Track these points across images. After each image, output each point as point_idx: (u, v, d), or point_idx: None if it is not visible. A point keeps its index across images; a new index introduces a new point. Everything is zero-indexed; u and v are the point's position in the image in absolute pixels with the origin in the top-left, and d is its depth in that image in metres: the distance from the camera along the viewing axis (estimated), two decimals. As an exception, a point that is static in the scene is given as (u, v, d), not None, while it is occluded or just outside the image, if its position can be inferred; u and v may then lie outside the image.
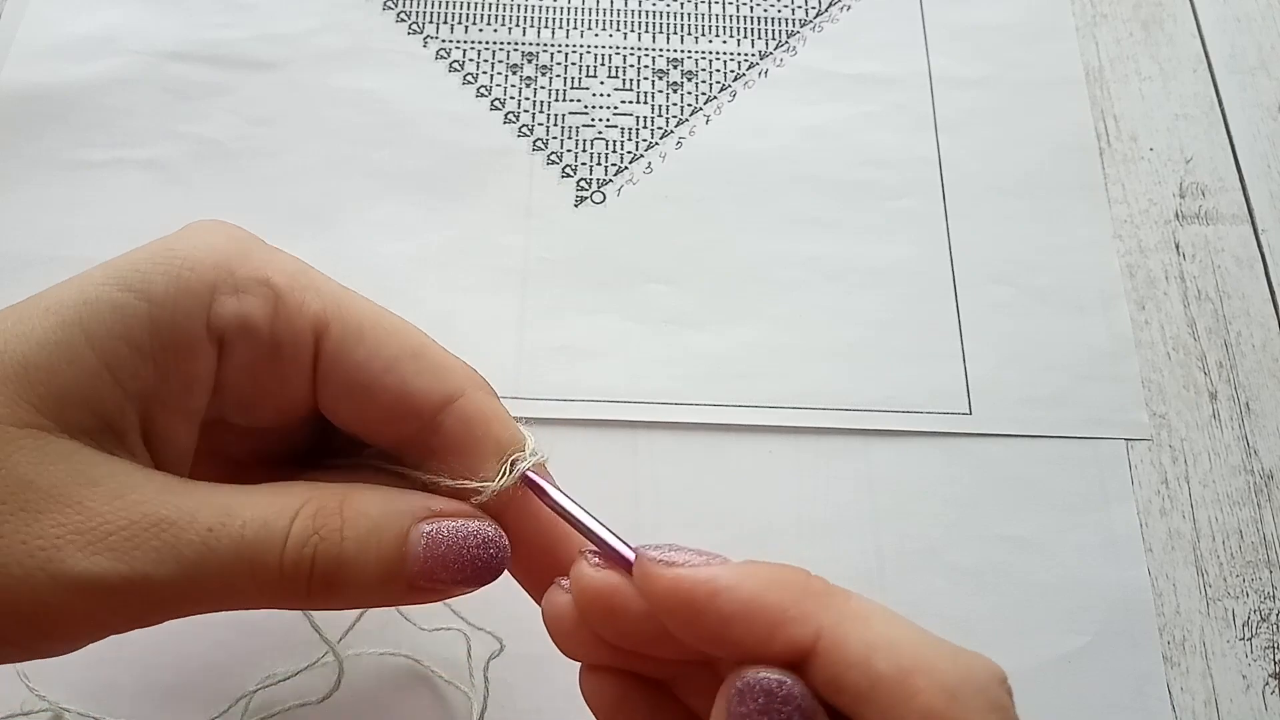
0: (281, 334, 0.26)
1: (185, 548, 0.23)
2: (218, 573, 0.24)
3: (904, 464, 0.43)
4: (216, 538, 0.24)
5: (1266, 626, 0.40)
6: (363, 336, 0.27)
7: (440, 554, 0.25)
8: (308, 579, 0.24)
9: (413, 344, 0.28)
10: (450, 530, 0.26)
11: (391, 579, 0.25)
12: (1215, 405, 0.45)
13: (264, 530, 0.24)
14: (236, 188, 0.47)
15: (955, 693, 0.20)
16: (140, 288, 0.25)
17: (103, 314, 0.24)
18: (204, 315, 0.25)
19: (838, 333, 0.45)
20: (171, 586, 0.23)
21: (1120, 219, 0.49)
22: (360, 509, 0.25)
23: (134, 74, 0.49)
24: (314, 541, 0.24)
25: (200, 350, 0.25)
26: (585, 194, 0.48)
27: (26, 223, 0.46)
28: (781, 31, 0.53)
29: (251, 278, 0.26)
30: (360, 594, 0.25)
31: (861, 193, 0.49)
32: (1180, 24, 0.53)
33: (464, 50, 0.52)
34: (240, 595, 0.24)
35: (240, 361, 0.26)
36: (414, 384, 0.27)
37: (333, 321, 0.27)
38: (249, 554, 0.24)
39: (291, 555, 0.24)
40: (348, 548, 0.25)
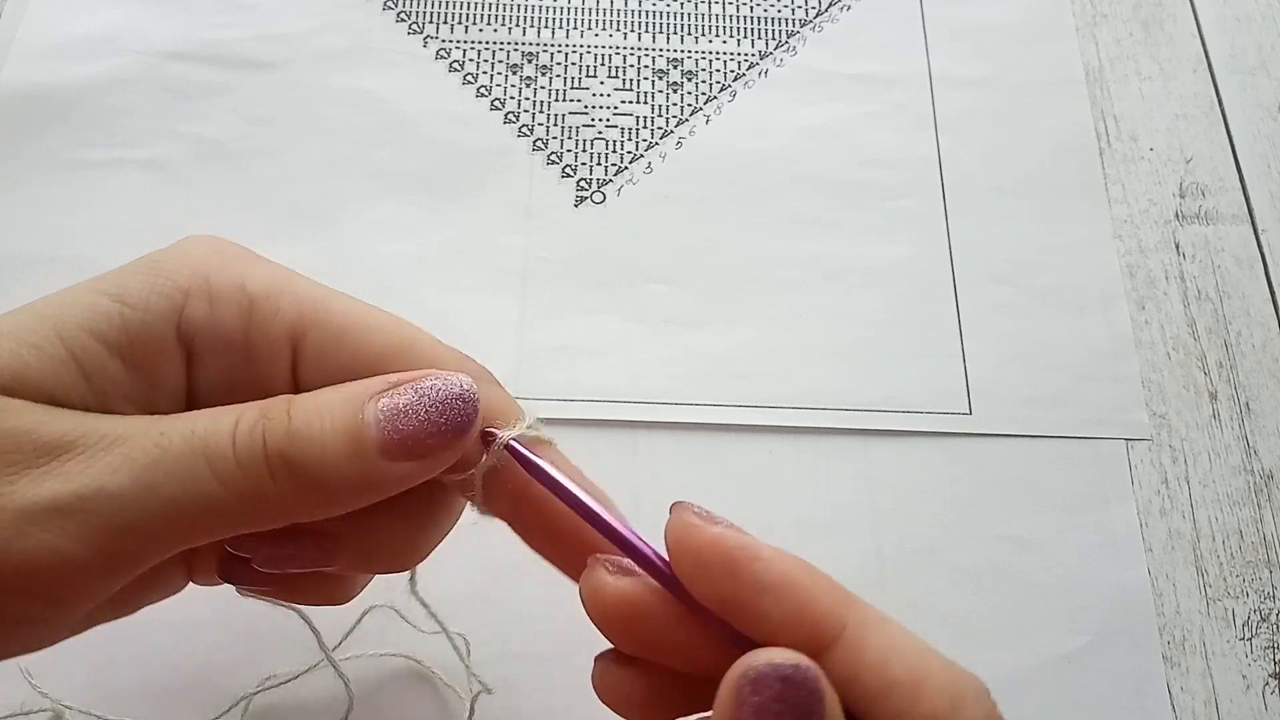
0: (255, 341, 0.26)
1: (138, 454, 0.23)
2: (175, 472, 0.23)
3: (904, 464, 0.43)
4: (168, 438, 0.23)
5: (1266, 626, 0.40)
6: (343, 340, 0.26)
7: (400, 409, 0.24)
8: (264, 461, 0.24)
9: (398, 341, 0.27)
10: (407, 388, 0.25)
11: (357, 450, 0.24)
12: (1215, 405, 0.45)
13: (212, 423, 0.24)
14: (236, 188, 0.47)
15: (957, 701, 0.21)
16: (116, 292, 0.25)
17: (76, 311, 0.25)
18: (175, 319, 0.25)
19: (838, 333, 0.45)
20: (130, 497, 0.22)
21: (1120, 219, 0.49)
22: (308, 398, 0.25)
23: (134, 74, 0.49)
24: (261, 423, 0.24)
25: (168, 353, 0.25)
26: (585, 194, 0.48)
27: (26, 223, 0.46)
28: (781, 31, 0.53)
29: (226, 285, 0.26)
30: (328, 473, 0.24)
31: (861, 193, 0.49)
32: (1180, 24, 0.53)
33: (464, 50, 0.52)
34: (208, 498, 0.23)
35: (213, 370, 0.26)
36: None
37: (310, 328, 0.26)
38: (200, 445, 0.23)
39: (243, 440, 0.24)
40: (296, 423, 0.24)
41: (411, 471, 0.25)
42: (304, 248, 0.46)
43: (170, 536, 0.23)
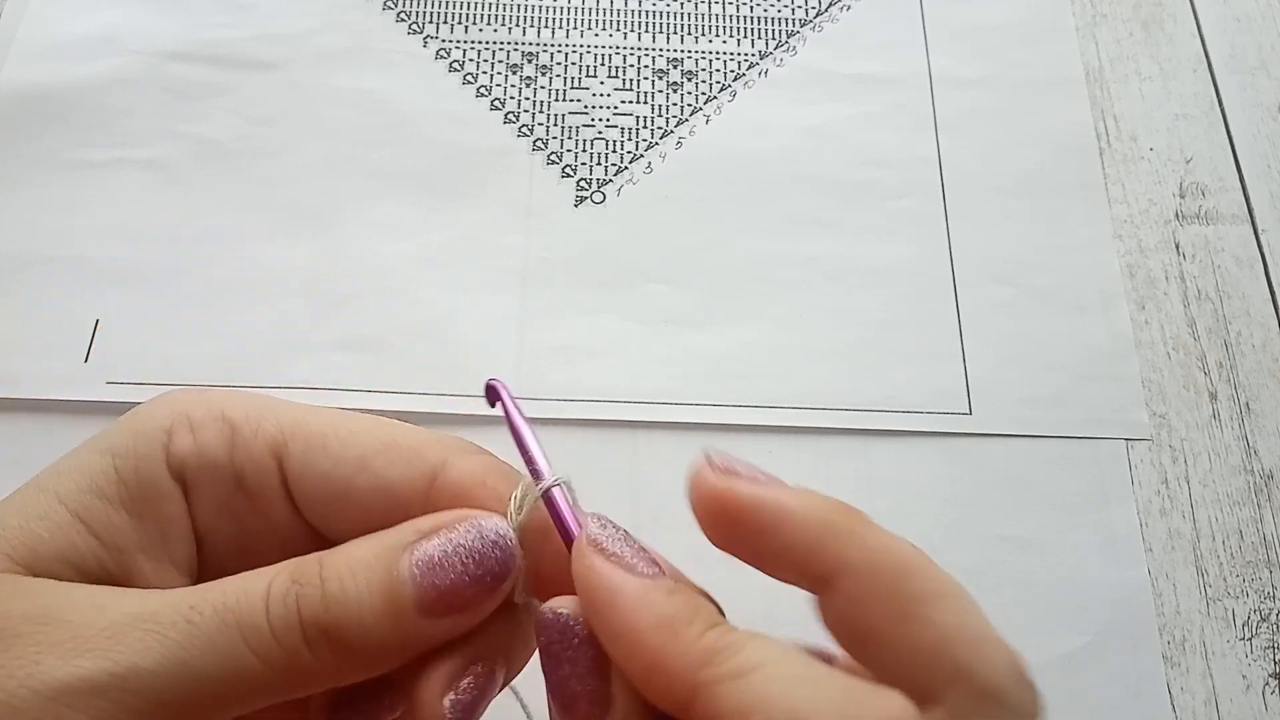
0: (242, 463, 0.26)
1: (169, 629, 0.22)
2: (208, 647, 0.22)
3: (904, 464, 0.43)
4: (199, 612, 0.22)
5: (1266, 626, 0.40)
6: (325, 445, 0.26)
7: (435, 561, 0.24)
8: (300, 631, 0.23)
9: (379, 438, 0.26)
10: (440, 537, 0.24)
11: (394, 609, 0.23)
12: (1215, 405, 0.45)
13: (244, 594, 0.23)
14: (236, 188, 0.47)
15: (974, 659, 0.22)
16: (104, 445, 0.25)
17: (72, 474, 0.25)
18: (163, 456, 0.25)
19: (838, 333, 0.45)
20: (164, 674, 0.22)
21: (1120, 219, 0.49)
22: (340, 554, 0.24)
23: (134, 74, 0.49)
24: (294, 590, 0.23)
25: (166, 492, 0.25)
26: (585, 194, 0.48)
27: (26, 223, 0.46)
28: (781, 31, 0.53)
29: (206, 415, 0.26)
30: (367, 637, 0.23)
31: (861, 193, 0.49)
32: (1180, 24, 0.53)
33: (464, 50, 0.52)
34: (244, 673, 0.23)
35: (209, 501, 0.26)
36: (389, 475, 0.26)
37: (290, 439, 0.26)
38: (233, 619, 0.23)
39: (276, 610, 0.23)
40: (330, 587, 0.23)
41: (452, 626, 0.24)
42: (304, 248, 0.46)
43: (208, 712, 0.23)
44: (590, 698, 0.22)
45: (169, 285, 0.45)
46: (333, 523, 0.27)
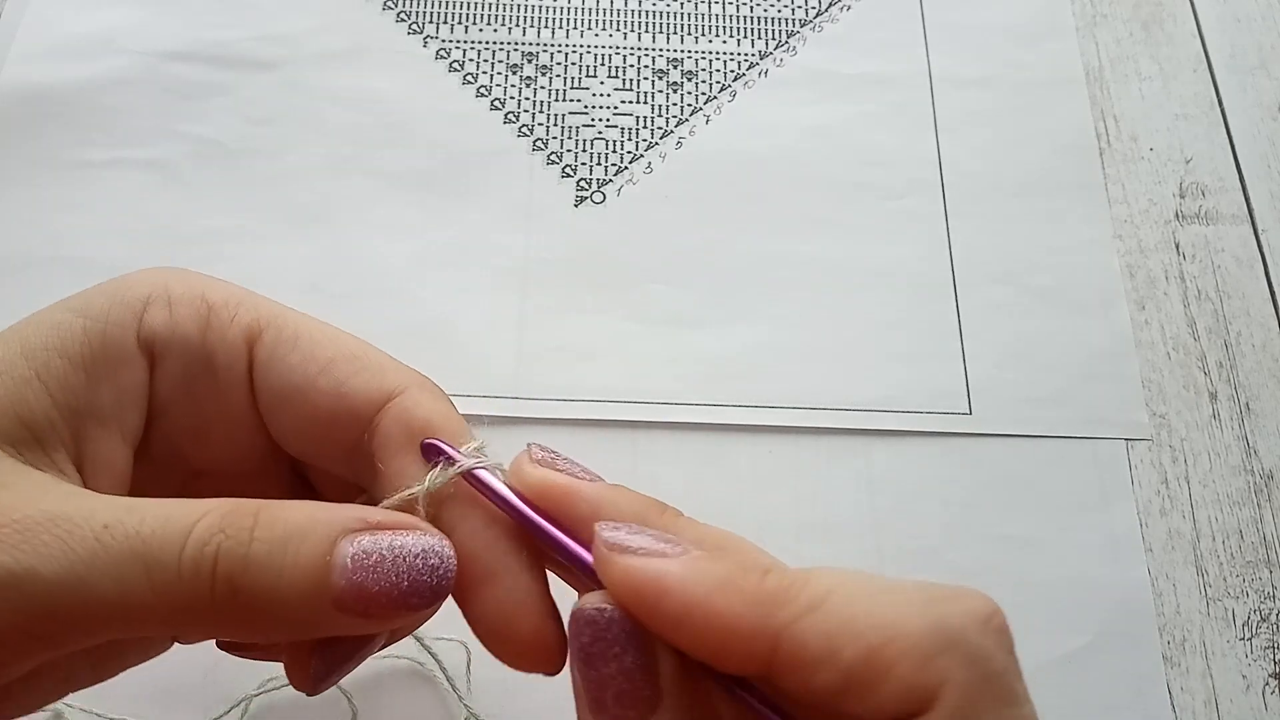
0: (213, 344, 0.26)
1: (77, 543, 0.21)
2: (109, 571, 0.21)
3: (904, 464, 0.43)
4: (111, 534, 0.22)
5: (1266, 626, 0.40)
6: (296, 342, 0.26)
7: (370, 565, 0.22)
8: (210, 582, 0.22)
9: (349, 348, 0.27)
10: (386, 541, 0.23)
11: (313, 594, 0.22)
12: (1215, 405, 0.45)
13: (163, 526, 0.22)
14: (236, 188, 0.47)
15: (929, 655, 0.19)
16: (79, 306, 0.25)
17: (40, 330, 0.25)
18: (135, 325, 0.25)
19: (838, 333, 0.45)
20: (60, 586, 0.21)
21: (1120, 219, 0.49)
22: (279, 514, 0.23)
23: (134, 74, 0.49)
24: (218, 539, 0.22)
25: (130, 360, 0.25)
26: (585, 194, 0.48)
27: (26, 223, 0.46)
28: (781, 31, 0.53)
29: (186, 292, 0.26)
30: (275, 609, 0.22)
31: (861, 193, 0.49)
32: (1180, 24, 0.53)
33: (464, 50, 0.52)
34: (139, 604, 0.22)
35: (174, 377, 0.26)
36: (350, 384, 0.26)
37: (265, 329, 0.26)
38: (143, 549, 0.22)
39: (191, 553, 0.22)
40: (256, 549, 0.22)
41: (361, 627, 0.23)
42: (304, 248, 0.46)
43: (94, 629, 0.22)
44: (638, 694, 0.21)
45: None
46: (285, 420, 0.27)
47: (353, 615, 0.23)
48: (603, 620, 0.21)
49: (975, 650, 0.19)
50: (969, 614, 0.20)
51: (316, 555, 0.22)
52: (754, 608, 0.20)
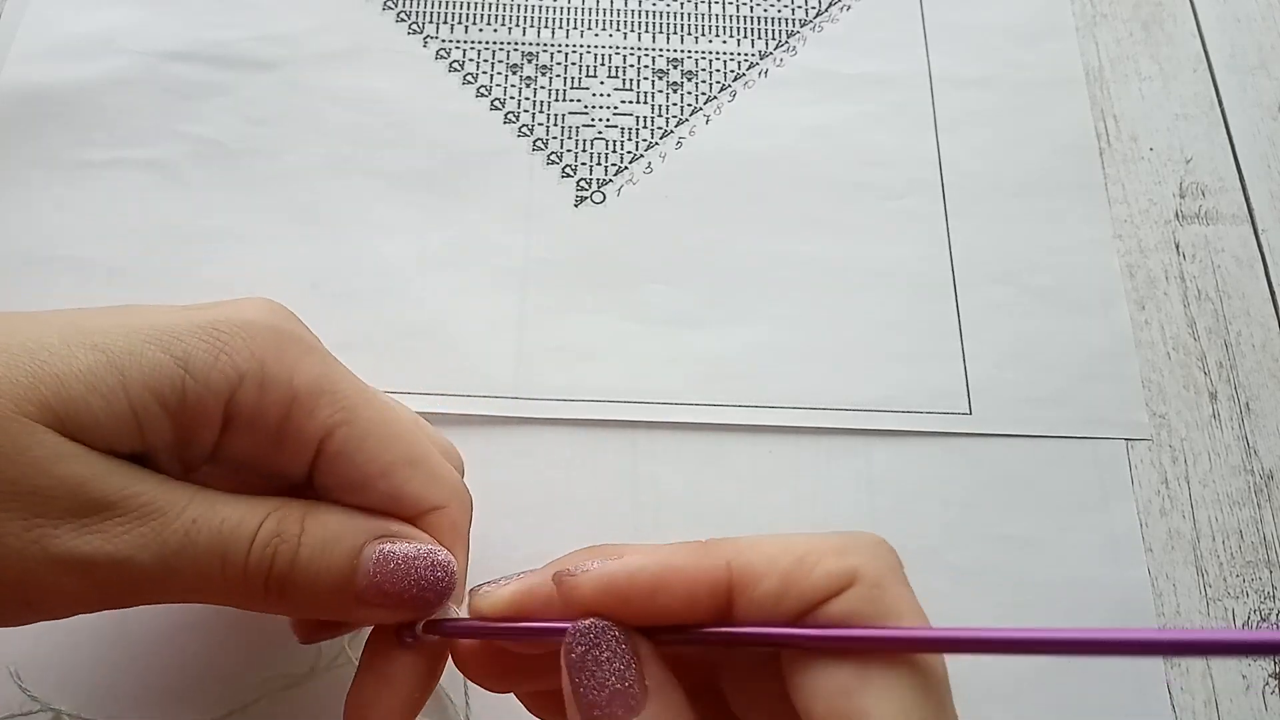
0: (288, 433, 0.28)
1: (170, 536, 0.26)
2: (193, 563, 0.26)
3: (904, 464, 0.43)
4: (198, 529, 0.26)
5: (1266, 626, 0.40)
6: (365, 442, 0.29)
7: (389, 570, 0.28)
8: (265, 578, 0.27)
9: (412, 453, 0.30)
10: (403, 551, 0.28)
11: (340, 589, 0.28)
12: (1215, 405, 0.45)
13: (238, 528, 0.27)
14: (236, 188, 0.47)
15: (843, 552, 0.24)
16: (181, 356, 0.27)
17: (143, 368, 0.26)
18: (227, 396, 0.27)
19: (838, 333, 0.45)
20: (151, 571, 0.25)
21: (1120, 219, 0.49)
22: (320, 519, 0.28)
23: (134, 74, 0.49)
24: (275, 543, 0.27)
25: (212, 423, 0.28)
26: (585, 194, 0.48)
27: (26, 223, 0.46)
28: (781, 31, 0.53)
29: (277, 376, 0.28)
30: (309, 600, 0.28)
31: (861, 193, 0.49)
32: (1180, 24, 0.53)
33: (464, 50, 0.52)
34: (208, 587, 0.27)
35: (242, 444, 0.28)
36: (405, 490, 0.29)
37: (339, 426, 0.29)
38: (222, 548, 0.26)
39: (256, 553, 0.27)
40: (303, 553, 0.27)
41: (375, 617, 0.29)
42: (304, 248, 0.46)
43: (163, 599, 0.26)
44: (628, 692, 0.24)
45: (169, 285, 0.45)
46: (335, 496, 0.30)
47: (370, 607, 0.28)
48: (594, 630, 0.25)
49: (877, 548, 0.25)
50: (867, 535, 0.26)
51: (347, 557, 0.28)
52: (705, 557, 0.25)
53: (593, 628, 0.25)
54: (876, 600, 0.24)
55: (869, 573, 0.24)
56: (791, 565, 0.24)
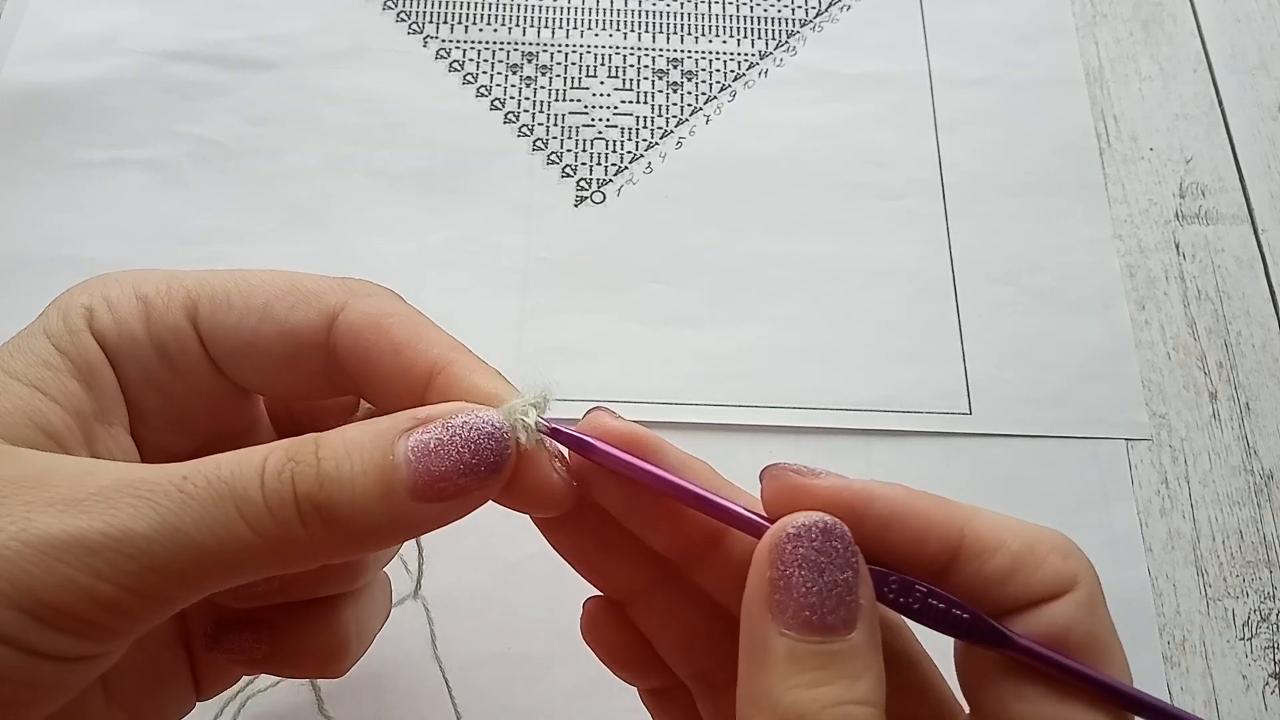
0: (159, 333, 0.27)
1: (162, 497, 0.22)
2: (201, 517, 0.22)
3: (904, 464, 0.43)
4: (192, 482, 0.22)
5: (1266, 626, 0.40)
6: (230, 300, 0.27)
7: (431, 451, 0.24)
8: (295, 509, 0.23)
9: (279, 286, 0.27)
10: (437, 428, 0.24)
11: (388, 493, 0.23)
12: (1215, 405, 0.45)
13: (238, 465, 0.23)
14: (236, 188, 0.47)
15: (1067, 553, 0.24)
16: (36, 329, 0.26)
17: (17, 354, 0.26)
18: (88, 330, 0.26)
19: (838, 333, 0.45)
20: (158, 540, 0.22)
21: (1120, 219, 0.49)
22: (337, 435, 0.24)
23: (134, 74, 0.49)
24: (290, 467, 0.23)
25: (98, 363, 0.26)
26: (585, 194, 0.48)
27: (26, 223, 0.46)
28: (781, 31, 0.53)
29: (120, 294, 0.27)
30: (360, 518, 0.23)
31: (861, 193, 0.49)
32: (1180, 24, 0.53)
33: (464, 50, 0.52)
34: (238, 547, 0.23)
35: (135, 375, 0.27)
36: (290, 320, 0.27)
37: (200, 300, 0.27)
38: (228, 491, 0.23)
39: (271, 484, 0.23)
40: (325, 465, 0.23)
41: (444, 512, 0.24)
42: (304, 248, 0.46)
43: (200, 579, 0.23)
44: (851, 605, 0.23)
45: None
46: (250, 375, 0.28)
47: (432, 501, 0.24)
48: (835, 531, 0.23)
49: (1088, 559, 0.25)
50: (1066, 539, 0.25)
51: (380, 456, 0.24)
52: (943, 507, 0.25)
53: (836, 527, 0.23)
54: (1092, 614, 0.24)
55: (1087, 582, 0.24)
56: (1022, 551, 0.24)
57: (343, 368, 0.27)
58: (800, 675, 0.22)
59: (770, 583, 0.23)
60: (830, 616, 0.22)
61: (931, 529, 0.24)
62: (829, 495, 0.24)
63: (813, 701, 0.22)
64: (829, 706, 0.22)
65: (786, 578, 0.23)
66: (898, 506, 0.24)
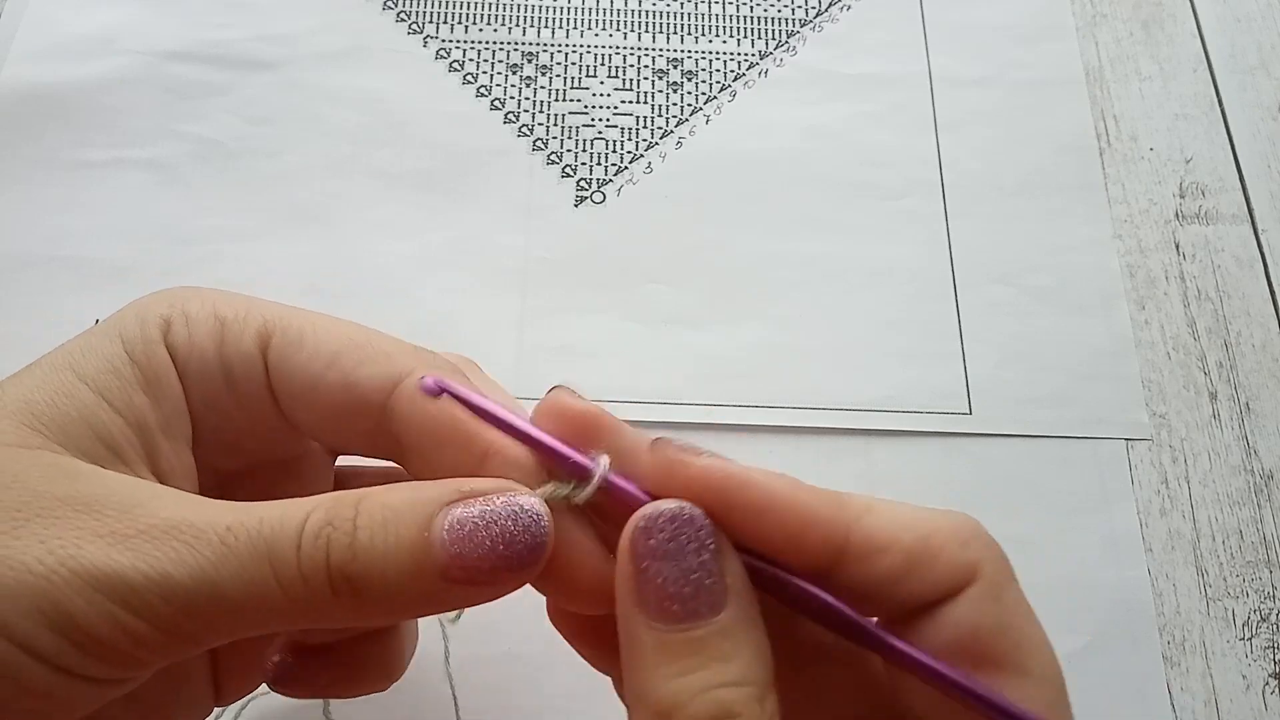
0: (230, 357, 0.27)
1: (204, 546, 0.23)
2: (239, 571, 0.23)
3: (904, 464, 0.43)
4: (234, 535, 0.23)
5: (1266, 626, 0.40)
6: (303, 340, 0.27)
7: (467, 534, 0.23)
8: (326, 575, 0.23)
9: (354, 337, 0.27)
10: (477, 509, 0.24)
11: (419, 572, 0.23)
12: (1215, 405, 0.45)
13: (279, 524, 0.23)
14: (236, 188, 0.47)
15: (965, 542, 0.23)
16: (112, 331, 0.26)
17: (89, 357, 0.26)
18: (163, 340, 0.27)
19: (838, 333, 0.45)
20: (193, 588, 0.22)
21: (1120, 219, 0.49)
22: (378, 501, 0.24)
23: (134, 74, 0.49)
24: (326, 532, 0.23)
25: (169, 376, 0.27)
26: (585, 194, 0.48)
27: (26, 223, 0.46)
28: (781, 31, 0.53)
29: (200, 310, 0.27)
30: (388, 592, 0.23)
31: (861, 193, 0.49)
32: (1180, 24, 0.53)
33: (464, 50, 0.52)
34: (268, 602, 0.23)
35: (199, 394, 0.27)
36: (356, 374, 0.27)
37: (274, 333, 0.27)
38: (265, 549, 0.23)
39: (307, 547, 0.23)
40: (361, 536, 0.23)
41: (473, 595, 0.24)
42: (304, 248, 0.46)
43: (229, 628, 0.23)
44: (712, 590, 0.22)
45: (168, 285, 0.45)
46: (303, 416, 0.28)
47: (461, 585, 0.24)
48: (684, 516, 0.23)
49: (990, 540, 0.24)
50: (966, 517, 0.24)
51: (415, 533, 0.23)
52: (829, 503, 0.23)
53: (684, 511, 0.23)
54: (998, 605, 0.23)
55: (989, 571, 0.23)
56: (914, 546, 0.23)
57: (396, 434, 0.27)
58: (670, 665, 0.22)
59: (631, 577, 0.23)
60: (691, 603, 0.22)
61: (812, 525, 0.23)
62: (699, 475, 0.23)
63: (680, 691, 0.22)
64: (698, 694, 0.21)
65: (644, 571, 0.22)
66: (775, 496, 0.23)
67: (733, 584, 0.22)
